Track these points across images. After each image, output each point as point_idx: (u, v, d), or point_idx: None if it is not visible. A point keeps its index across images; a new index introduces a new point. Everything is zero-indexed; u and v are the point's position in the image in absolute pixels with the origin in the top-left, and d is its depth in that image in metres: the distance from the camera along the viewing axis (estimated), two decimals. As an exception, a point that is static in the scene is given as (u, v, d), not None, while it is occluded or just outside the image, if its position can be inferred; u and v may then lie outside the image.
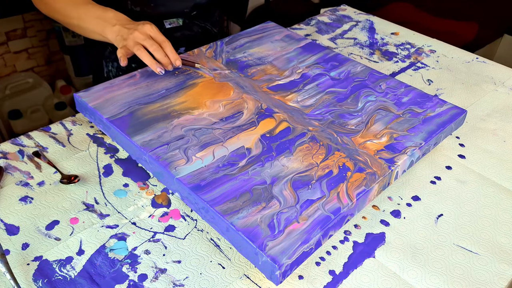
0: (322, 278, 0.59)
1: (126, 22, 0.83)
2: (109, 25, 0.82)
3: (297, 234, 0.57)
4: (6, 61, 1.91)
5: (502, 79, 1.00)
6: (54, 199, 0.68)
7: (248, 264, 0.60)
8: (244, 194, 0.61)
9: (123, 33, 0.81)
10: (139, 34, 0.79)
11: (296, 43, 0.96)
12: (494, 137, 0.84)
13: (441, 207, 0.70)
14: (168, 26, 0.99)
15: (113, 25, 0.82)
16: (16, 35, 1.89)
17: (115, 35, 0.82)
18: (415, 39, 1.14)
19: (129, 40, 0.80)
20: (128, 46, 0.80)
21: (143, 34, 0.80)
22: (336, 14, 1.24)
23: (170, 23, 0.99)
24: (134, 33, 0.80)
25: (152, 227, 0.65)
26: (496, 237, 0.66)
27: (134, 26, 0.81)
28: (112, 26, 0.82)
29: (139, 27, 0.80)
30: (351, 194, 0.62)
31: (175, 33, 1.01)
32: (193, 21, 1.02)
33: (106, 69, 1.04)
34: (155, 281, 0.58)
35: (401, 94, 0.83)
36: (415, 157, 0.72)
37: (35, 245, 0.61)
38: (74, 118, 0.83)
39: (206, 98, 0.78)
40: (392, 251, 0.63)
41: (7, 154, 0.75)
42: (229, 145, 0.69)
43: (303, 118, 0.76)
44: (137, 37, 0.79)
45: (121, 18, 0.84)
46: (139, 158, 0.70)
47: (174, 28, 1.00)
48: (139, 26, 0.81)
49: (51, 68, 2.06)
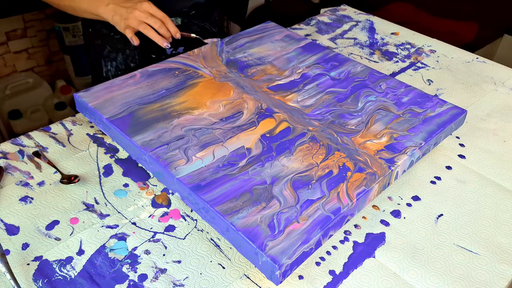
0: (322, 278, 0.59)
1: (120, 0, 0.84)
2: (102, 4, 0.84)
3: (297, 234, 0.57)
4: (6, 61, 1.91)
5: (502, 79, 1.00)
6: (54, 199, 0.68)
7: (248, 264, 0.60)
8: (244, 194, 0.61)
9: (122, 12, 0.83)
10: (140, 13, 0.82)
11: (296, 43, 0.96)
12: (494, 137, 0.84)
13: (441, 207, 0.70)
14: None
15: (106, 4, 0.83)
16: (16, 35, 1.89)
17: (111, 14, 0.83)
18: (415, 39, 1.14)
19: (131, 19, 0.82)
20: (132, 25, 0.82)
21: (144, 13, 0.82)
22: (336, 14, 1.24)
23: None
24: (134, 12, 0.82)
25: (152, 227, 0.65)
26: (496, 237, 0.66)
27: (131, 5, 0.82)
28: (105, 6, 0.83)
29: (138, 6, 0.82)
30: (351, 194, 0.62)
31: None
32: (192, 21, 1.02)
33: (105, 68, 1.04)
34: (155, 281, 0.58)
35: (401, 94, 0.83)
36: (415, 157, 0.72)
37: (35, 245, 0.61)
38: (74, 118, 0.83)
39: (206, 98, 0.78)
40: (392, 251, 0.63)
41: (7, 154, 0.75)
42: (229, 145, 0.69)
43: (303, 118, 0.76)
44: (139, 16, 0.82)
45: None
46: (139, 158, 0.70)
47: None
48: (137, 5, 0.82)
49: (51, 68, 2.06)
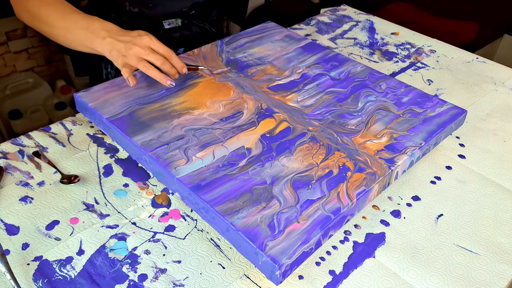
0: (322, 278, 0.59)
1: (117, 33, 0.77)
2: (98, 38, 0.76)
3: (297, 234, 0.57)
4: (6, 61, 1.91)
5: (502, 79, 1.00)
6: (54, 199, 0.68)
7: (248, 264, 0.60)
8: (244, 194, 0.61)
9: (119, 48, 0.75)
10: (139, 49, 0.74)
11: (296, 43, 0.96)
12: (494, 137, 0.84)
13: (441, 207, 0.70)
14: (167, 27, 0.99)
15: (102, 38, 0.76)
16: (16, 35, 1.89)
17: (108, 49, 0.76)
18: (415, 39, 1.14)
19: (130, 57, 0.74)
20: (131, 63, 0.75)
21: (144, 49, 0.74)
22: (336, 14, 1.24)
23: (169, 24, 0.99)
24: (134, 49, 0.74)
25: (152, 227, 0.65)
26: (496, 237, 0.66)
27: (130, 39, 0.75)
28: (101, 40, 0.76)
29: (137, 41, 0.75)
30: (351, 194, 0.62)
31: (173, 34, 1.00)
32: (192, 21, 1.02)
33: (105, 71, 1.04)
34: (155, 281, 0.58)
35: (401, 94, 0.83)
36: (415, 157, 0.72)
37: (35, 245, 0.61)
38: (74, 118, 0.83)
39: (206, 98, 0.78)
40: (392, 251, 0.63)
41: (7, 154, 0.75)
42: (229, 145, 0.69)
43: (303, 118, 0.76)
44: (138, 52, 0.74)
45: (109, 28, 0.77)
46: (139, 158, 0.70)
47: (172, 29, 1.00)
48: (136, 40, 0.75)
49: (51, 68, 2.06)
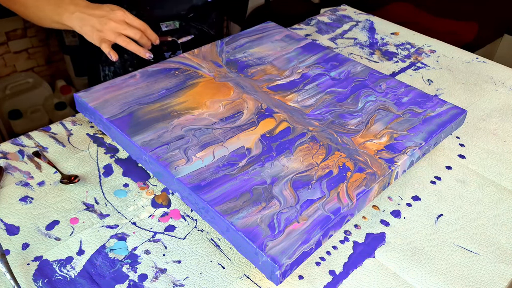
0: (322, 278, 0.59)
1: (87, 6, 0.77)
2: (67, 12, 0.77)
3: (297, 234, 0.57)
4: (6, 61, 1.91)
5: (502, 79, 1.00)
6: (54, 199, 0.68)
7: (248, 264, 0.60)
8: (244, 194, 0.61)
9: (93, 23, 0.76)
10: (115, 24, 0.76)
11: (296, 43, 0.96)
12: (494, 137, 0.84)
13: (441, 207, 0.70)
14: (164, 29, 0.99)
15: (71, 13, 0.77)
16: (16, 35, 1.89)
17: (78, 24, 0.77)
18: (415, 39, 1.14)
19: (107, 32, 0.76)
20: (109, 38, 0.77)
21: (119, 23, 0.76)
22: (336, 14, 1.24)
23: (166, 26, 0.99)
24: (109, 24, 0.76)
25: (152, 227, 0.65)
26: (496, 237, 0.66)
27: (103, 13, 0.76)
28: (70, 13, 0.77)
29: (112, 15, 0.76)
30: (351, 194, 0.62)
31: (172, 36, 1.01)
32: (190, 24, 1.02)
33: (102, 73, 1.04)
34: (155, 281, 0.58)
35: (401, 94, 0.83)
36: (415, 157, 0.72)
37: (35, 245, 0.61)
38: (74, 118, 0.83)
39: (206, 98, 0.78)
40: (392, 251, 0.63)
41: (7, 154, 0.75)
42: (229, 145, 0.69)
43: (303, 118, 0.76)
44: (115, 27, 0.76)
45: (78, 2, 0.77)
46: (139, 158, 0.70)
47: (170, 31, 1.00)
48: (110, 14, 0.76)
49: (51, 68, 2.06)
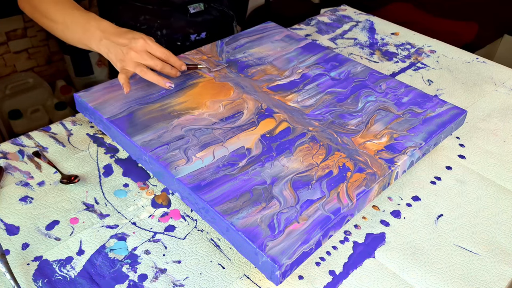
0: (322, 278, 0.59)
1: (112, 33, 0.76)
2: (95, 39, 0.76)
3: (297, 234, 0.57)
4: (6, 61, 1.91)
5: (502, 79, 1.00)
6: (54, 199, 0.68)
7: (248, 264, 0.60)
8: (244, 194, 0.61)
9: (116, 52, 0.75)
10: (135, 54, 0.74)
11: (296, 43, 0.96)
12: (494, 137, 0.84)
13: (441, 207, 0.70)
14: (192, 11, 0.99)
15: (99, 39, 0.76)
16: (16, 35, 1.89)
17: (105, 51, 0.76)
18: (415, 39, 1.14)
19: (127, 62, 0.75)
20: (129, 68, 0.75)
21: (140, 53, 0.74)
22: (336, 14, 1.24)
23: (194, 8, 0.99)
24: (130, 53, 0.74)
25: (152, 227, 0.65)
26: (496, 237, 0.66)
27: (126, 42, 0.75)
28: (98, 41, 0.76)
29: (133, 45, 0.74)
30: (351, 194, 0.62)
31: (197, 18, 1.01)
32: (211, 5, 1.03)
33: None
34: (155, 281, 0.58)
35: (401, 94, 0.83)
36: (415, 157, 0.72)
37: (35, 245, 0.61)
38: (74, 118, 0.83)
39: (206, 98, 0.78)
40: (392, 251, 0.63)
41: (7, 154, 0.75)
42: (229, 145, 0.69)
43: (303, 118, 0.76)
44: (135, 57, 0.74)
45: (105, 28, 0.76)
46: (139, 158, 0.70)
47: (196, 13, 1.00)
48: (132, 43, 0.74)
49: (51, 68, 2.06)
